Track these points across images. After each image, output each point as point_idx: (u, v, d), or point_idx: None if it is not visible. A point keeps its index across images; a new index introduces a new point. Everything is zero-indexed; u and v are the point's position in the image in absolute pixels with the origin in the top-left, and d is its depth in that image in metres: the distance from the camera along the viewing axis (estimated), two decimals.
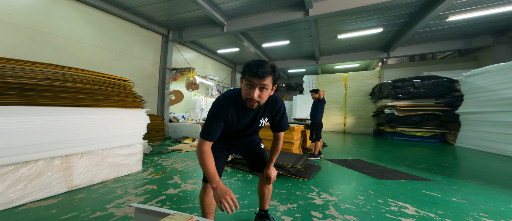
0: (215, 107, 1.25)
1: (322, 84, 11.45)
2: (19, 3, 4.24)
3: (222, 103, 1.25)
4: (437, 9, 5.26)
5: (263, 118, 1.40)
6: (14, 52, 4.11)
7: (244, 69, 1.16)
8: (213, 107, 1.26)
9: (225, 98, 1.27)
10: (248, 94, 1.15)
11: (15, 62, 2.28)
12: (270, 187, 1.65)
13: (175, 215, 0.89)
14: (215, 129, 1.24)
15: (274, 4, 5.77)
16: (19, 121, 2.06)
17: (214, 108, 1.25)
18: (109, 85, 2.97)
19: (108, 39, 5.95)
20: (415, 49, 8.58)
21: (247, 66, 1.14)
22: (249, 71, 1.11)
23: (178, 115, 7.95)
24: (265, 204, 1.67)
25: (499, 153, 4.88)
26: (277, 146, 1.52)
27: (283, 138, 1.56)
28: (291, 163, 3.00)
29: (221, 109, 1.24)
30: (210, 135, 1.24)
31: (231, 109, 1.27)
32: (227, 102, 1.26)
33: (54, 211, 1.94)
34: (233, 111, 1.28)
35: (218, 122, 1.24)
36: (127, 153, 3.08)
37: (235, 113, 1.29)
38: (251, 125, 1.41)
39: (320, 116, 4.44)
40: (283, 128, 1.49)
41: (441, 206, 2.11)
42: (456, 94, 6.83)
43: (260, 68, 1.09)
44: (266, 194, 1.64)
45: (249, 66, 1.13)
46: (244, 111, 1.30)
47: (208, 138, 1.24)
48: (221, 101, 1.26)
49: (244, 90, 1.18)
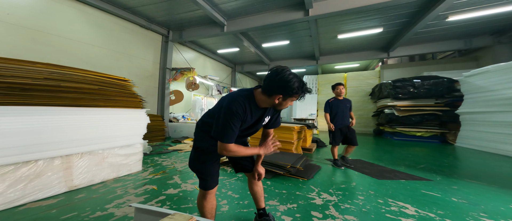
0: (231, 108, 1.21)
1: (322, 84, 11.46)
2: (19, 3, 4.25)
3: (239, 103, 1.23)
4: (437, 9, 5.27)
5: (267, 116, 1.43)
6: (14, 52, 4.11)
7: (292, 92, 1.20)
8: (229, 108, 1.21)
9: (240, 98, 1.25)
10: (287, 105, 1.30)
11: (15, 62, 2.28)
12: (261, 184, 1.69)
13: (175, 215, 0.89)
14: (235, 130, 1.22)
15: (274, 4, 5.77)
16: (19, 121, 2.06)
17: (231, 109, 1.20)
18: (109, 85, 2.97)
19: (108, 39, 5.95)
20: (415, 49, 8.58)
21: (298, 89, 1.20)
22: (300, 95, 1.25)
23: (178, 115, 7.95)
24: (261, 202, 1.69)
25: (499, 153, 4.88)
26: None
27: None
28: (291, 163, 3.00)
29: (240, 109, 1.22)
30: (230, 138, 1.22)
31: (247, 108, 1.26)
32: (245, 101, 1.26)
33: (54, 211, 1.94)
34: (249, 110, 1.28)
35: (237, 122, 1.22)
36: (127, 153, 3.08)
37: (250, 112, 1.30)
38: (257, 123, 1.41)
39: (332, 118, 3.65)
40: (277, 125, 1.54)
41: (441, 206, 2.12)
42: (456, 94, 6.83)
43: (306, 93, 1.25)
44: (259, 192, 1.67)
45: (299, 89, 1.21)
46: (255, 110, 1.33)
47: (229, 141, 1.22)
48: (237, 102, 1.23)
49: (284, 104, 1.27)
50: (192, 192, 2.45)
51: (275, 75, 1.19)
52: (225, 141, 1.21)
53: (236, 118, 1.21)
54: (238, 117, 1.22)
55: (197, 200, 1.46)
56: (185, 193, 2.40)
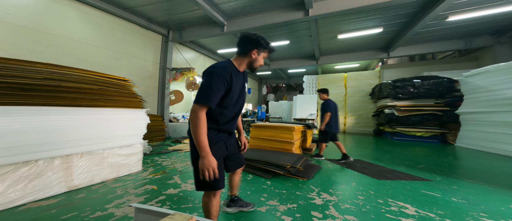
0: (215, 72, 1.24)
1: (322, 84, 11.45)
2: (19, 3, 4.24)
3: (222, 68, 1.28)
4: (437, 9, 5.26)
5: (246, 82, 1.54)
6: (14, 52, 4.11)
7: (264, 45, 1.42)
8: (212, 73, 1.24)
9: (221, 64, 1.32)
10: (261, 62, 1.48)
11: (15, 62, 2.28)
12: (239, 175, 1.95)
13: (175, 215, 0.89)
14: (217, 92, 1.23)
15: (274, 4, 5.77)
16: (19, 121, 2.06)
17: (215, 73, 1.24)
18: (109, 85, 2.97)
19: (108, 39, 5.95)
20: (415, 49, 8.58)
21: (267, 44, 1.43)
22: (270, 49, 1.47)
23: (178, 115, 7.95)
24: (236, 190, 1.99)
25: (499, 153, 4.88)
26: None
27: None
28: (291, 163, 2.99)
29: (225, 72, 1.27)
30: (209, 98, 1.21)
31: (230, 71, 1.33)
32: (226, 66, 1.32)
33: (54, 211, 1.94)
34: (233, 73, 1.35)
35: (220, 84, 1.24)
36: (127, 153, 3.08)
37: (234, 75, 1.36)
38: (242, 90, 1.48)
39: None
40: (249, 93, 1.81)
41: (441, 206, 2.12)
42: (456, 94, 6.83)
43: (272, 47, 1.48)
44: (238, 182, 1.95)
45: (268, 44, 1.44)
46: (237, 74, 1.40)
47: (206, 102, 1.21)
48: (221, 67, 1.28)
49: (259, 59, 1.46)
50: (192, 192, 2.44)
51: (246, 36, 1.41)
52: (201, 101, 1.21)
53: (219, 79, 1.24)
54: (223, 80, 1.26)
55: (204, 202, 1.40)
56: (185, 193, 2.39)
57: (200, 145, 1.20)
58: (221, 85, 1.25)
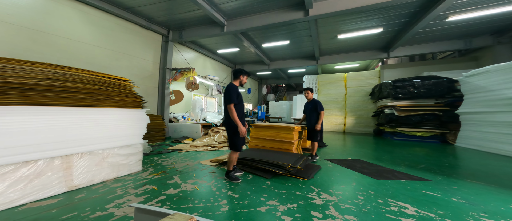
0: (232, 88, 2.74)
1: (322, 84, 11.45)
2: (19, 3, 4.25)
3: (236, 87, 2.80)
4: (437, 9, 5.27)
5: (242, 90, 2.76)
6: (14, 52, 4.11)
7: (244, 73, 2.92)
8: (231, 89, 2.72)
9: (234, 85, 2.80)
10: (245, 81, 2.96)
11: (15, 62, 2.28)
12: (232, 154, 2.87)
13: (175, 215, 0.89)
14: (236, 97, 2.70)
15: (274, 4, 5.77)
16: (19, 121, 2.06)
17: (232, 88, 2.74)
18: (109, 85, 2.97)
19: (108, 39, 5.95)
20: (415, 49, 8.58)
21: (246, 72, 2.93)
22: (248, 74, 3.00)
23: (178, 115, 7.95)
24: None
25: (499, 153, 4.88)
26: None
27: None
28: (291, 163, 2.99)
29: (236, 88, 2.78)
30: (234, 99, 2.69)
31: (237, 88, 2.81)
32: (236, 86, 2.82)
33: (54, 211, 1.94)
34: (238, 89, 2.81)
35: (236, 93, 2.72)
36: (127, 153, 3.08)
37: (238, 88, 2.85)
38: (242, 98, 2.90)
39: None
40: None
41: (441, 206, 2.12)
42: (456, 94, 6.82)
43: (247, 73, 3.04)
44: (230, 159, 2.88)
45: (247, 72, 2.95)
46: (239, 88, 2.84)
47: (234, 101, 2.68)
48: (234, 86, 2.78)
49: (243, 80, 2.92)
50: (192, 192, 2.45)
51: (237, 70, 2.91)
52: (231, 101, 2.68)
53: (236, 90, 2.75)
54: (237, 89, 2.77)
55: (229, 157, 2.84)
56: (185, 193, 2.40)
57: (236, 121, 2.67)
58: (237, 93, 2.74)
